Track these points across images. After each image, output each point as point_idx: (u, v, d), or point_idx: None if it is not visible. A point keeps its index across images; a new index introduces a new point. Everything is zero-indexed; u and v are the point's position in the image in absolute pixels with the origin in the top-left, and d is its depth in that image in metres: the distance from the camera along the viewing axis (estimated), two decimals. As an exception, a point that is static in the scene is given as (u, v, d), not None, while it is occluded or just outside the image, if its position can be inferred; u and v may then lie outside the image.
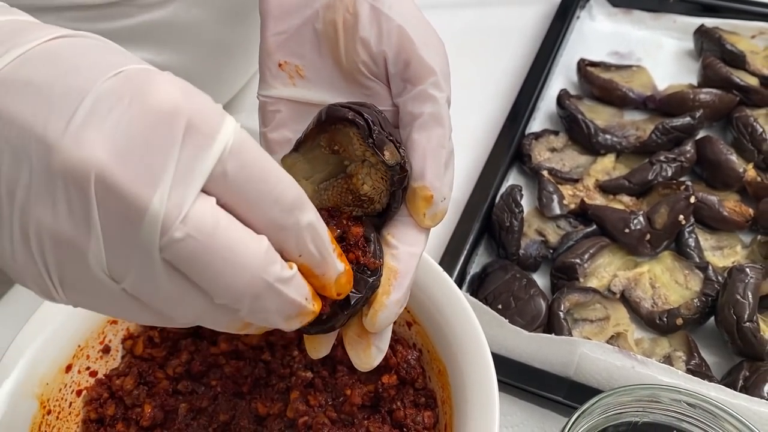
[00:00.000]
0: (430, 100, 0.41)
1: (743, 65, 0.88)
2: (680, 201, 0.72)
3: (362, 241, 0.41)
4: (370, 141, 0.40)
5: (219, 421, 0.56)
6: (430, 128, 0.41)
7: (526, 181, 0.82)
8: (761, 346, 0.62)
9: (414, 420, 0.54)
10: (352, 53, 0.43)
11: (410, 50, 0.42)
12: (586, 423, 0.44)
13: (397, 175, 0.40)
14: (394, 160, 0.40)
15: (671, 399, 0.45)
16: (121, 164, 0.28)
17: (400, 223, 0.43)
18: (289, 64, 0.45)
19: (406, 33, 0.42)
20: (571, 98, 0.86)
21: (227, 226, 0.30)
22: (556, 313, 0.65)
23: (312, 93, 0.45)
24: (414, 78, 0.42)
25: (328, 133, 0.41)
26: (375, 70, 0.43)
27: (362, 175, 0.41)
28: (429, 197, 0.41)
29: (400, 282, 0.41)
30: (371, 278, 0.41)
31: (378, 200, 0.42)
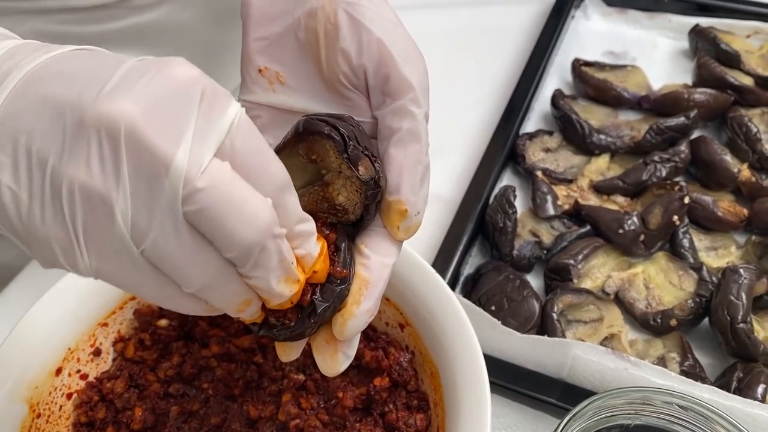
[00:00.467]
0: (408, 116, 0.42)
1: (738, 65, 0.88)
2: (674, 201, 0.72)
3: (332, 249, 0.42)
4: (345, 156, 0.40)
5: (210, 424, 0.56)
6: (407, 144, 0.42)
7: (520, 182, 0.82)
8: (755, 347, 0.61)
9: (406, 423, 0.54)
10: (333, 63, 0.44)
11: (390, 65, 0.42)
12: (577, 426, 0.44)
13: (371, 190, 0.41)
14: (368, 175, 0.41)
15: (663, 402, 0.45)
16: (149, 120, 0.31)
17: (374, 233, 0.44)
18: (269, 70, 0.46)
19: (386, 47, 0.42)
20: (565, 98, 0.86)
21: (240, 182, 0.33)
22: (549, 315, 0.65)
23: (292, 100, 0.45)
24: (393, 92, 0.42)
25: (306, 143, 0.42)
26: (355, 82, 0.44)
27: (338, 185, 0.42)
28: (403, 211, 0.42)
29: (370, 292, 0.42)
30: (339, 287, 0.41)
31: (352, 211, 0.42)
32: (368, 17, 0.43)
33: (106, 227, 0.32)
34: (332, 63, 0.44)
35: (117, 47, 0.65)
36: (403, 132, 0.42)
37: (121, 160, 0.31)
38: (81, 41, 0.62)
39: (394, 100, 0.42)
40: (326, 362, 0.43)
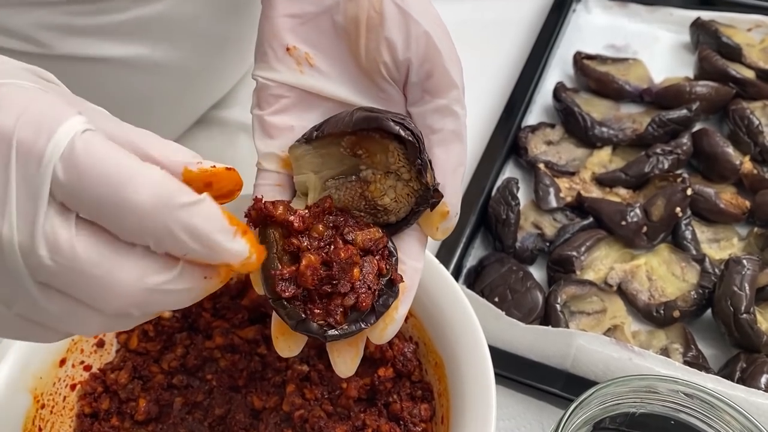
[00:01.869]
0: (452, 116, 0.41)
1: (739, 58, 0.88)
2: (677, 193, 0.72)
3: (386, 252, 0.42)
4: (417, 162, 0.39)
5: (214, 415, 0.56)
6: (451, 145, 0.42)
7: (522, 174, 0.82)
8: (758, 337, 0.61)
9: (410, 413, 0.54)
10: (374, 53, 0.42)
11: (436, 61, 0.41)
12: (583, 414, 0.44)
13: (431, 199, 0.41)
14: (433, 184, 0.40)
15: (668, 389, 0.45)
16: None
17: (407, 236, 0.43)
18: (298, 49, 0.44)
19: (434, 43, 0.41)
20: (567, 91, 0.86)
21: (88, 245, 0.30)
22: (552, 306, 0.65)
23: (322, 84, 0.44)
24: (434, 90, 0.41)
25: (355, 137, 0.41)
26: (395, 75, 0.42)
27: (384, 186, 0.41)
28: (445, 213, 0.42)
29: (407, 297, 0.42)
30: (394, 295, 0.41)
31: (395, 214, 0.42)
32: (416, 10, 0.42)
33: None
34: (373, 52, 0.42)
35: (121, 39, 0.65)
36: (446, 132, 0.41)
37: None
38: (85, 33, 0.63)
39: (434, 98, 0.41)
40: (346, 364, 0.43)
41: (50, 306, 0.31)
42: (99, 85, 0.67)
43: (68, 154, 0.29)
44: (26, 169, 0.29)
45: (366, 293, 0.40)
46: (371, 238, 0.41)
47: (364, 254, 0.41)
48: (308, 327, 0.40)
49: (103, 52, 0.64)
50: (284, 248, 0.40)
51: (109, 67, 0.66)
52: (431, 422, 0.54)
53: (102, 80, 0.67)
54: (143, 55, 0.67)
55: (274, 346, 0.44)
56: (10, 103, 0.30)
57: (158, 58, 0.68)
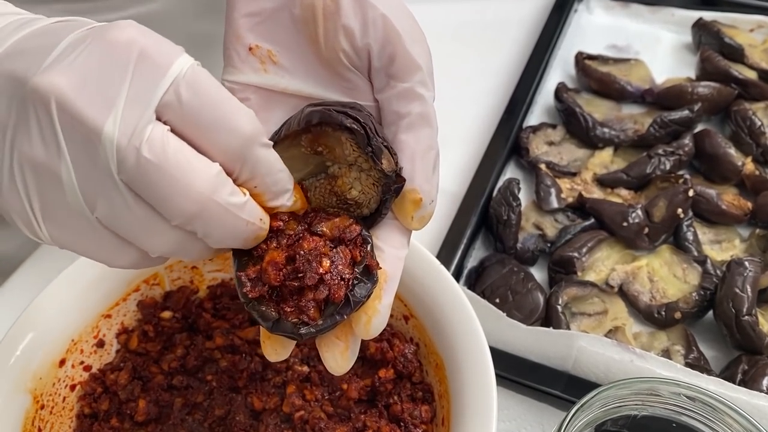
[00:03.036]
0: (418, 99, 0.40)
1: (741, 59, 0.87)
2: (678, 194, 0.72)
3: (360, 240, 0.40)
4: (368, 149, 0.38)
5: (214, 415, 0.56)
6: (418, 129, 0.40)
7: (523, 175, 0.81)
8: (760, 339, 0.61)
9: (411, 414, 0.54)
10: (332, 42, 0.41)
11: (396, 44, 0.40)
12: (585, 417, 0.44)
13: (393, 185, 0.39)
14: (390, 169, 0.39)
15: (670, 392, 0.45)
16: (78, 90, 0.32)
17: (386, 225, 0.42)
18: (260, 48, 0.43)
19: (393, 25, 0.40)
20: (568, 91, 0.86)
21: (177, 149, 0.33)
22: (553, 307, 0.64)
23: (286, 81, 0.43)
24: (399, 74, 0.40)
25: (312, 134, 0.40)
26: (357, 62, 0.41)
27: (350, 179, 0.40)
28: (418, 200, 0.40)
29: (389, 286, 0.40)
30: (371, 281, 0.39)
31: (366, 205, 0.41)
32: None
33: (57, 197, 0.33)
34: (332, 41, 0.41)
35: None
36: (413, 117, 0.40)
37: (58, 133, 0.32)
38: (84, 32, 0.63)
39: (400, 83, 0.40)
40: (336, 360, 0.41)
41: (128, 210, 0.33)
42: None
43: (191, 76, 0.33)
44: (145, 76, 0.32)
45: (338, 284, 0.38)
46: (339, 226, 0.40)
47: (334, 245, 0.40)
48: (282, 327, 0.39)
49: None
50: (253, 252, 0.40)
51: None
52: (432, 424, 0.54)
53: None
54: None
55: (263, 350, 0.42)
56: (132, 25, 0.33)
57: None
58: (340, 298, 0.38)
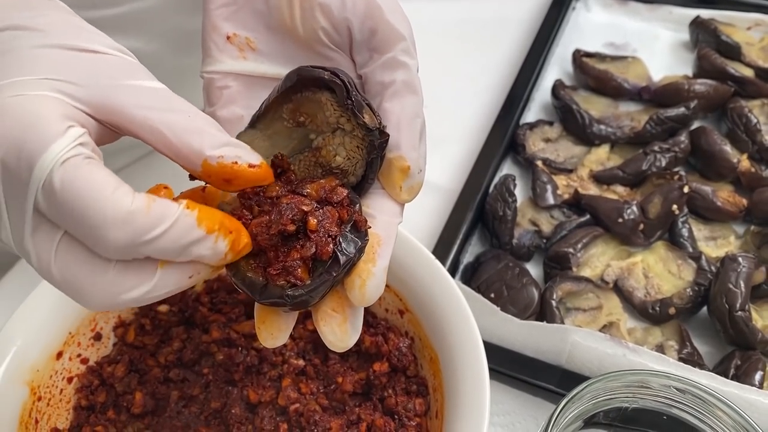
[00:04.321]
0: (402, 67, 0.40)
1: (738, 56, 0.88)
2: (674, 191, 0.72)
3: (347, 201, 0.39)
4: (348, 102, 0.37)
5: (210, 408, 0.56)
6: (403, 96, 0.40)
7: (520, 172, 0.82)
8: (753, 335, 0.62)
9: (405, 407, 0.54)
10: (310, 21, 0.41)
11: (377, 16, 0.39)
12: (575, 409, 0.44)
13: (377, 140, 0.38)
14: (373, 124, 0.38)
15: (661, 384, 0.45)
16: None
17: (375, 195, 0.41)
18: (238, 36, 0.43)
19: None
20: (566, 89, 0.86)
21: (62, 266, 0.33)
22: (548, 302, 0.65)
23: (266, 66, 0.43)
24: (381, 46, 0.40)
25: (292, 103, 0.39)
26: (337, 39, 0.41)
27: (334, 145, 0.39)
28: (406, 168, 0.39)
29: (384, 249, 0.39)
30: (361, 239, 0.38)
31: (352, 172, 0.40)
32: None
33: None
34: (309, 20, 0.41)
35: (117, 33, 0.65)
36: (398, 84, 0.39)
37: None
38: (81, 27, 0.63)
39: (383, 54, 0.40)
40: (335, 333, 0.39)
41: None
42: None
43: (47, 186, 0.31)
44: (12, 190, 0.32)
45: (325, 241, 0.37)
46: (325, 187, 0.39)
47: (321, 205, 0.38)
48: (270, 292, 0.37)
49: None
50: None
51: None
52: (426, 417, 0.55)
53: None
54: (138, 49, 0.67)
55: (258, 337, 0.41)
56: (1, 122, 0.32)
57: (152, 52, 0.69)
58: (327, 253, 0.37)
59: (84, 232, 0.32)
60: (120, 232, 0.32)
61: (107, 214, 0.31)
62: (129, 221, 0.32)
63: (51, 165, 0.31)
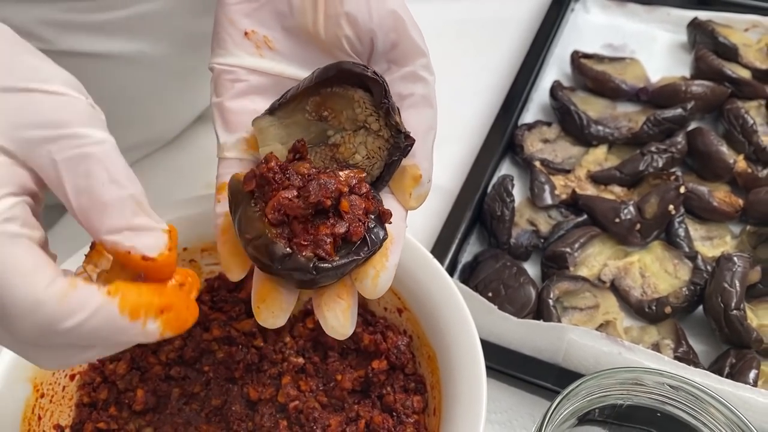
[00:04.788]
0: (421, 81, 0.41)
1: (736, 58, 0.88)
2: (670, 191, 0.73)
3: (371, 194, 0.40)
4: (384, 102, 0.39)
5: (211, 406, 0.57)
6: (421, 109, 0.41)
7: (518, 172, 0.82)
8: (748, 333, 0.62)
9: (403, 404, 0.55)
10: (334, 28, 0.42)
11: (401, 30, 0.41)
12: (570, 406, 0.45)
13: (402, 143, 0.40)
14: (402, 127, 0.40)
15: (655, 382, 0.46)
16: None
17: (384, 198, 0.42)
18: (256, 33, 0.44)
19: (398, 13, 0.41)
20: (564, 90, 0.87)
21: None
22: (545, 301, 0.65)
23: (283, 66, 0.44)
24: (401, 59, 0.41)
25: (320, 96, 0.40)
26: (358, 48, 0.42)
27: (355, 143, 0.40)
28: (418, 176, 0.41)
29: (395, 247, 0.41)
30: (383, 229, 0.39)
31: (369, 171, 0.41)
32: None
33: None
34: (333, 27, 0.42)
35: (122, 35, 0.66)
36: (416, 97, 0.41)
37: None
38: (85, 29, 0.64)
39: (401, 67, 0.41)
40: (338, 319, 0.40)
41: None
42: (100, 81, 0.68)
43: None
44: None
45: (357, 223, 0.38)
46: (354, 176, 0.40)
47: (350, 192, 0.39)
48: (295, 262, 0.36)
49: (104, 48, 0.65)
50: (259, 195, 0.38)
51: (109, 62, 0.67)
52: (423, 414, 0.55)
53: (103, 76, 0.68)
54: (144, 51, 0.68)
55: (256, 317, 0.41)
56: None
57: (159, 53, 0.69)
58: (359, 234, 0.38)
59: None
60: (26, 321, 0.30)
61: (15, 299, 0.30)
62: (37, 311, 0.30)
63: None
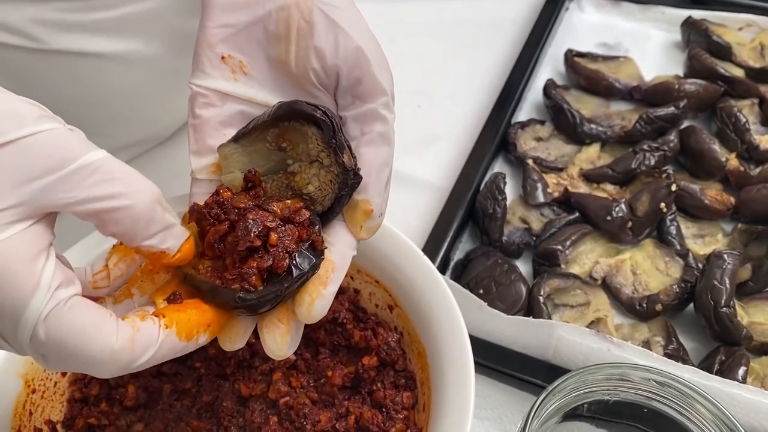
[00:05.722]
0: (380, 120, 0.43)
1: (729, 57, 0.88)
2: (661, 189, 0.73)
3: (308, 222, 0.42)
4: (332, 142, 0.41)
5: (202, 401, 0.57)
6: (378, 146, 0.43)
7: (511, 170, 0.83)
8: (737, 331, 0.62)
9: (393, 400, 0.55)
10: (303, 60, 0.44)
11: (365, 68, 0.43)
12: (556, 401, 0.45)
13: (351, 180, 0.42)
14: (350, 165, 0.41)
15: (641, 378, 0.46)
16: None
17: (336, 226, 0.44)
18: (233, 58, 0.45)
19: (363, 51, 0.43)
20: (557, 88, 0.87)
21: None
22: (535, 298, 0.66)
23: (255, 92, 0.45)
24: (364, 95, 0.43)
25: (279, 129, 0.42)
26: (325, 81, 0.44)
27: (309, 174, 0.42)
28: (369, 211, 0.43)
29: (336, 275, 0.42)
30: (316, 258, 0.41)
31: (320, 202, 0.43)
32: (344, 20, 0.43)
33: None
34: (303, 60, 0.44)
35: (114, 35, 0.66)
36: (374, 134, 0.43)
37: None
38: (78, 28, 0.64)
39: (365, 103, 0.43)
40: (276, 342, 0.42)
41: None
42: (94, 80, 0.68)
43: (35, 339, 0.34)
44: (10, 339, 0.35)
45: (282, 256, 0.40)
46: (290, 207, 0.42)
47: (283, 223, 0.41)
48: (222, 294, 0.40)
49: (97, 47, 0.65)
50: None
51: (103, 62, 0.67)
52: (413, 410, 0.56)
53: (97, 75, 0.68)
54: (137, 51, 0.68)
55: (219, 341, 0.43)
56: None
57: (152, 53, 0.70)
58: (282, 267, 0.40)
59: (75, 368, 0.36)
60: (110, 368, 0.36)
61: (94, 357, 0.35)
62: (114, 360, 0.35)
63: (34, 323, 0.34)
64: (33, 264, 0.34)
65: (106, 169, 0.35)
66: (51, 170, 0.34)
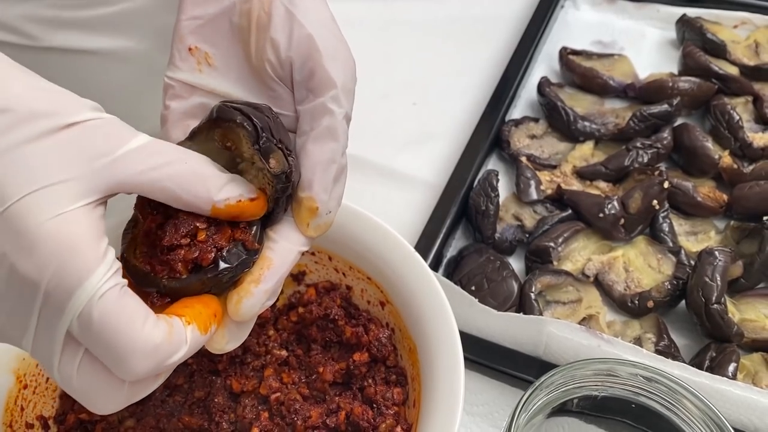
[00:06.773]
0: (327, 114, 0.42)
1: (724, 54, 0.88)
2: (654, 186, 0.73)
3: (244, 224, 0.41)
4: (256, 147, 0.40)
5: (194, 397, 0.57)
6: (324, 142, 0.42)
7: (505, 168, 0.83)
8: (728, 327, 0.63)
9: (384, 396, 0.55)
10: (261, 52, 0.44)
11: (316, 61, 0.42)
12: (544, 396, 0.45)
13: (281, 184, 0.41)
14: (279, 169, 0.41)
15: (629, 373, 0.46)
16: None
17: (285, 222, 0.43)
18: (199, 50, 0.45)
19: (315, 43, 0.42)
20: (552, 86, 0.87)
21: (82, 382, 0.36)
22: (527, 294, 0.66)
23: (217, 83, 0.45)
24: (317, 89, 0.43)
25: (221, 129, 0.41)
26: (281, 74, 0.44)
27: (250, 176, 0.42)
28: (314, 209, 0.42)
29: (272, 273, 0.41)
30: (244, 255, 0.41)
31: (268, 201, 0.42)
32: (302, 11, 0.43)
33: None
34: (261, 52, 0.44)
35: (109, 32, 0.66)
36: (321, 129, 0.42)
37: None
38: (73, 26, 0.64)
39: (317, 97, 0.43)
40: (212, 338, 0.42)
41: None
42: (88, 78, 0.68)
43: (84, 317, 0.33)
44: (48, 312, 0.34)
45: (209, 249, 0.40)
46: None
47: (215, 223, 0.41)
48: (149, 280, 0.40)
49: (91, 44, 0.66)
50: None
51: (97, 59, 0.67)
52: (404, 406, 0.56)
53: (91, 72, 0.68)
54: (131, 48, 0.68)
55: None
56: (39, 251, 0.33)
57: (146, 50, 0.70)
58: (207, 260, 0.40)
59: (110, 359, 0.35)
60: (146, 363, 0.35)
61: (137, 348, 0.34)
62: (154, 354, 0.35)
63: (89, 298, 0.33)
64: (99, 240, 0.34)
65: (155, 146, 0.37)
66: (112, 150, 0.35)
